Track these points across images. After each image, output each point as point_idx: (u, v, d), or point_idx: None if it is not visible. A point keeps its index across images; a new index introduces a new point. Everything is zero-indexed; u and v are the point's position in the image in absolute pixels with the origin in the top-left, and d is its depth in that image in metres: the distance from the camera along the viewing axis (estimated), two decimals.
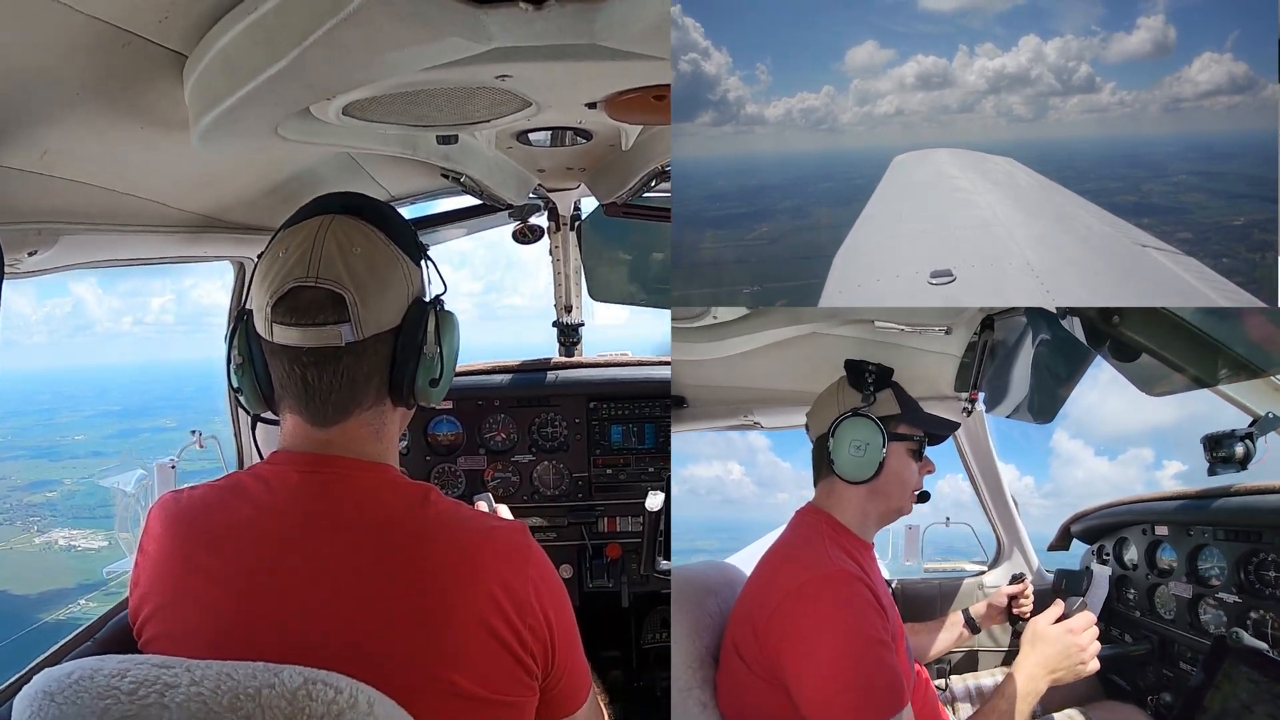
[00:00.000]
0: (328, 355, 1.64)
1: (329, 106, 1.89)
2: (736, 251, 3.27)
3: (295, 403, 1.70)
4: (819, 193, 3.67)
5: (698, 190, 3.65)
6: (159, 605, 1.64)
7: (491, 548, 1.64)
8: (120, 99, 1.71)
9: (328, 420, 1.69)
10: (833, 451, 2.21)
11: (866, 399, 2.26)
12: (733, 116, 3.78)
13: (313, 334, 1.63)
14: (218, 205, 2.59)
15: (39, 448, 34.93)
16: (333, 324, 1.62)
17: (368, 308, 1.64)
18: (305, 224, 1.69)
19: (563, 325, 4.53)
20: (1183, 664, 2.76)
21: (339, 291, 1.62)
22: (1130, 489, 3.31)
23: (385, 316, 1.68)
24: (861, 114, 3.83)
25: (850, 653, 1.91)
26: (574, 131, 2.58)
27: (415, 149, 2.39)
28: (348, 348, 1.64)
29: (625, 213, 3.70)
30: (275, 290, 1.63)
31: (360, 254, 1.66)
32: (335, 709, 1.37)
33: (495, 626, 1.59)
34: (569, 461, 4.07)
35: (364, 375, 1.69)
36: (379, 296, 1.67)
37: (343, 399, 1.68)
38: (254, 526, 1.64)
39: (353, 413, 1.70)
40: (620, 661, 4.51)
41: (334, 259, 1.63)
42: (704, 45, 3.55)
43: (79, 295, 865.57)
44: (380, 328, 1.67)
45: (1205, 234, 2.58)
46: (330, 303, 1.62)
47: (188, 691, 1.39)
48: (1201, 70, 3.10)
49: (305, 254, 1.64)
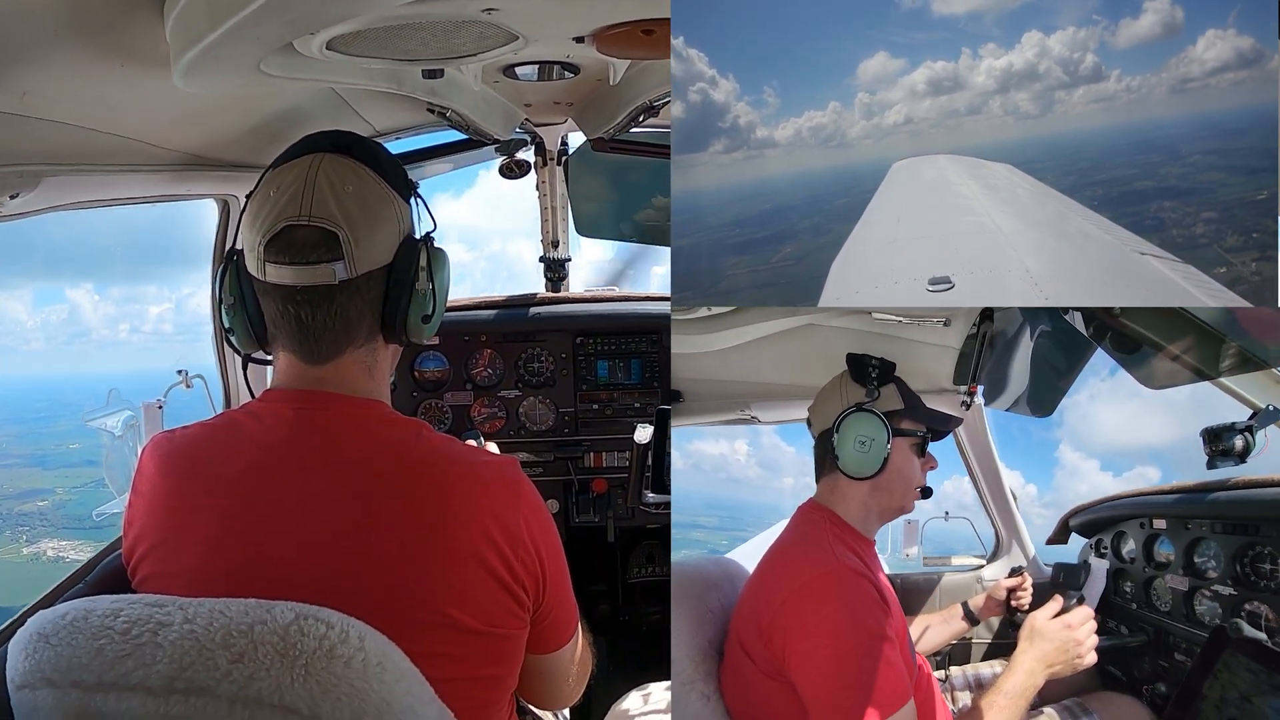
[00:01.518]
0: (321, 293, 1.66)
1: (312, 41, 1.85)
2: (764, 275, 3.27)
3: (289, 341, 1.71)
4: (836, 209, 3.65)
5: (715, 219, 3.65)
6: (154, 544, 1.66)
7: (484, 482, 1.67)
8: (100, 37, 1.68)
9: (321, 358, 1.71)
10: (837, 447, 2.19)
11: (870, 394, 2.24)
12: (744, 142, 3.75)
13: (306, 272, 1.63)
14: (202, 143, 2.56)
15: (32, 455, 34.69)
16: (326, 262, 1.63)
17: (360, 245, 1.65)
18: (296, 163, 1.70)
19: (549, 261, 4.50)
20: (1178, 655, 2.78)
21: (332, 230, 1.63)
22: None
23: (377, 254, 1.69)
24: (870, 126, 3.80)
25: (854, 649, 1.92)
26: (561, 66, 2.55)
27: (400, 84, 2.36)
28: (341, 285, 1.66)
29: (613, 148, 3.68)
30: (267, 230, 1.64)
31: (352, 192, 1.67)
32: (327, 644, 1.39)
33: (488, 559, 1.62)
34: (555, 397, 4.06)
35: (357, 312, 1.70)
36: (371, 234, 1.68)
37: (336, 336, 1.70)
38: (248, 463, 1.65)
39: (346, 350, 1.72)
40: (606, 596, 4.56)
41: (326, 197, 1.64)
42: (710, 74, 3.51)
43: (75, 301, 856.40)
44: (373, 265, 1.69)
45: (1230, 211, 2.56)
46: (323, 241, 1.63)
47: (181, 630, 1.41)
48: (1207, 48, 3.05)
49: (297, 193, 1.64)
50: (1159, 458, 7.80)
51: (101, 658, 1.40)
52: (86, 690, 1.39)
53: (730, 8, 3.31)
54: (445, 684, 1.53)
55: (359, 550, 1.57)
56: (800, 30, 3.53)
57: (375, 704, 1.39)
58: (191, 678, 1.37)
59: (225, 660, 1.37)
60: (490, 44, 2.08)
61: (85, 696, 1.39)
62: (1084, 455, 25.30)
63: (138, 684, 1.38)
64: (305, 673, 1.37)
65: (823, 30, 3.60)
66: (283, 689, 1.36)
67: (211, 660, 1.37)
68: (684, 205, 2.29)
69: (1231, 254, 2.46)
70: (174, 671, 1.37)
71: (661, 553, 4.45)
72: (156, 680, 1.37)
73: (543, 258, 4.51)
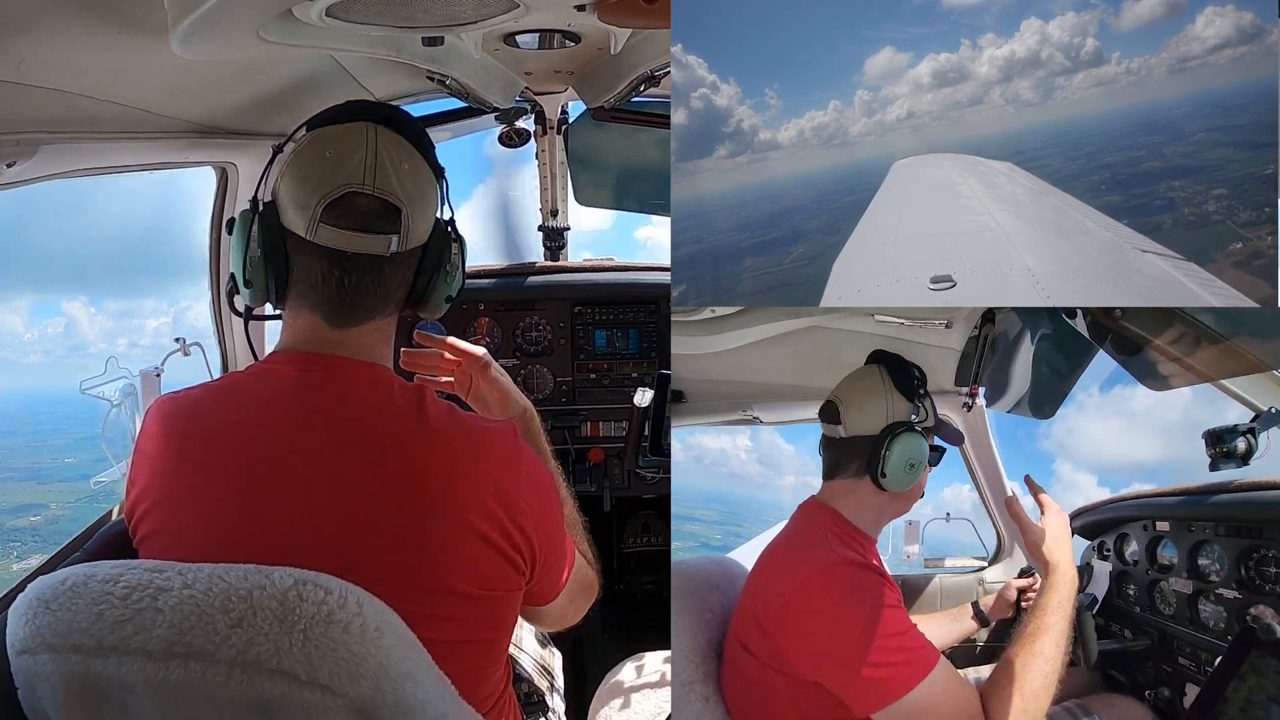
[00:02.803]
0: (370, 262, 1.69)
1: (311, 8, 1.84)
2: (779, 276, 3.28)
3: (321, 303, 1.72)
4: (842, 207, 3.65)
5: (725, 223, 3.65)
6: (155, 502, 1.67)
7: (484, 449, 1.69)
8: (98, 4, 1.67)
9: (348, 322, 1.73)
10: (884, 462, 2.14)
11: (917, 411, 2.22)
12: (748, 145, 3.75)
13: (362, 240, 1.66)
14: (200, 111, 2.54)
15: (28, 469, 34.46)
16: (384, 233, 1.67)
17: (414, 222, 1.71)
18: (350, 128, 1.71)
19: (548, 229, 4.50)
20: (1181, 659, 2.77)
21: (395, 204, 1.67)
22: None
23: (422, 232, 1.76)
24: (872, 124, 3.79)
25: (869, 630, 1.90)
26: (562, 34, 2.54)
27: (400, 51, 2.35)
28: (390, 257, 1.70)
29: (613, 117, 3.67)
30: (329, 192, 1.65)
31: (408, 170, 1.71)
32: (325, 609, 1.40)
33: (485, 530, 1.63)
34: (553, 366, 4.08)
35: (396, 285, 1.76)
36: (423, 213, 1.75)
37: (372, 304, 1.73)
38: (251, 424, 1.66)
39: (374, 318, 1.75)
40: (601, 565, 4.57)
41: (388, 171, 1.67)
42: (711, 79, 3.51)
43: (72, 315, 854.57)
44: (417, 242, 1.75)
45: (1240, 186, 2.55)
46: (386, 212, 1.67)
47: (180, 595, 1.42)
48: (1206, 26, 3.04)
49: (361, 160, 1.66)
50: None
51: (101, 622, 1.41)
52: (86, 655, 1.41)
53: (730, 12, 3.31)
54: (441, 646, 1.55)
55: (357, 513, 1.58)
56: (800, 32, 3.53)
57: (373, 669, 1.40)
58: (191, 642, 1.38)
59: (224, 625, 1.38)
60: (491, 11, 2.07)
61: (85, 661, 1.41)
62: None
63: (137, 648, 1.39)
64: (304, 638, 1.38)
65: (823, 30, 3.59)
66: (281, 654, 1.37)
67: (211, 625, 1.39)
68: (690, 211, 2.29)
69: (1247, 229, 2.46)
70: (173, 636, 1.38)
71: (657, 522, 4.47)
72: (156, 645, 1.38)
73: (541, 226, 4.51)
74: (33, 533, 25.70)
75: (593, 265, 4.27)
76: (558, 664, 2.81)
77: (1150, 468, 28.01)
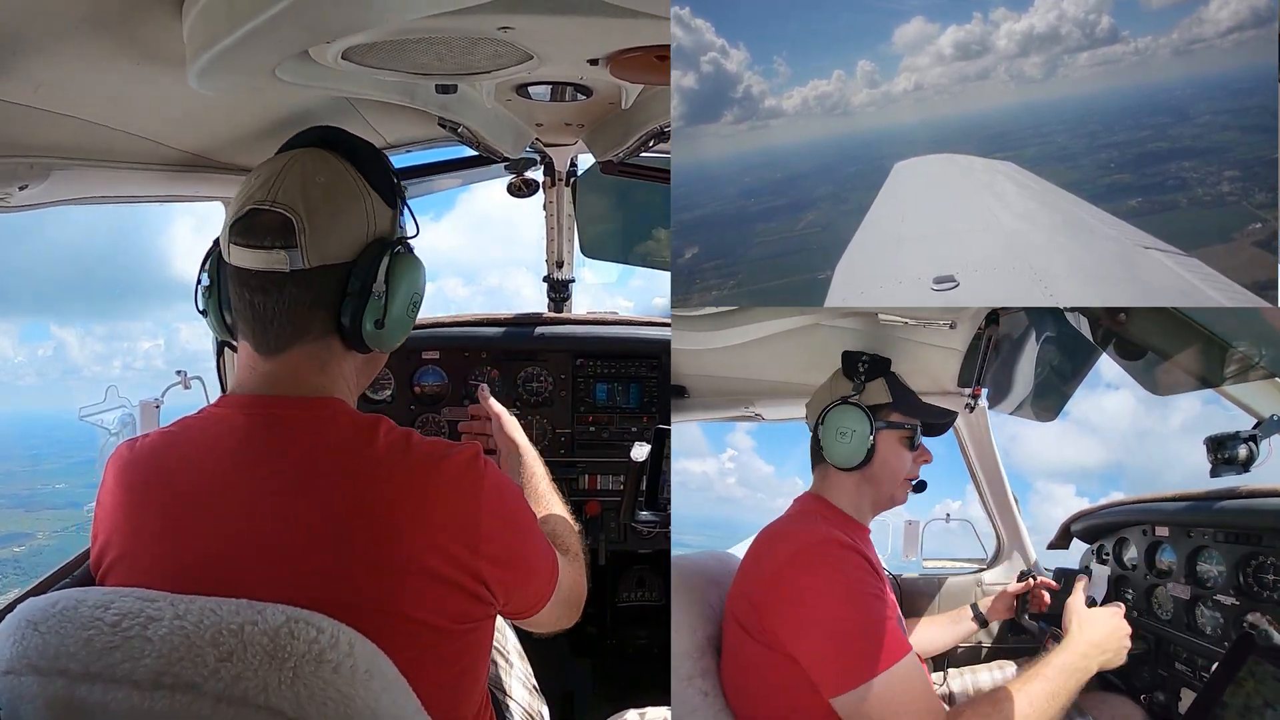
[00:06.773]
0: (274, 280, 1.66)
1: (328, 50, 1.87)
2: (792, 243, 3.29)
3: (246, 327, 1.71)
4: (847, 177, 3.67)
5: (730, 188, 3.67)
6: (118, 556, 1.66)
7: (439, 480, 1.64)
8: (118, 32, 1.69)
9: (273, 349, 1.70)
10: (822, 438, 2.26)
11: (856, 388, 2.29)
12: (754, 112, 3.77)
13: (261, 256, 1.64)
14: (211, 144, 2.57)
15: (16, 496, 33.96)
16: (279, 248, 1.63)
17: (315, 235, 1.64)
18: (281, 154, 1.72)
19: (553, 281, 4.51)
20: (1178, 664, 2.77)
21: (289, 216, 1.63)
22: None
23: (335, 249, 1.68)
24: (878, 94, 3.82)
25: (848, 610, 1.95)
26: (574, 87, 2.57)
27: (413, 97, 2.38)
28: (293, 275, 1.65)
29: (622, 171, 3.69)
30: (235, 212, 1.66)
31: (322, 183, 1.68)
32: (316, 649, 1.39)
33: (442, 570, 1.60)
34: (553, 417, 4.07)
35: (308, 306, 1.69)
36: (330, 226, 1.67)
37: (284, 327, 1.69)
38: (202, 470, 1.64)
39: (297, 344, 1.71)
40: (594, 619, 4.53)
41: (294, 185, 1.65)
42: (719, 44, 3.53)
43: (60, 339, 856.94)
44: (329, 259, 1.67)
45: (1252, 169, 2.55)
46: (280, 227, 1.63)
47: (171, 625, 1.41)
48: (1221, 7, 3.05)
49: (269, 178, 1.66)
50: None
51: (89, 648, 1.40)
52: (72, 679, 1.39)
53: None
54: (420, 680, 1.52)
55: (318, 554, 1.55)
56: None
57: (360, 710, 1.39)
58: (178, 673, 1.36)
59: (213, 658, 1.37)
60: (505, 62, 2.10)
61: (70, 686, 1.39)
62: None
63: (124, 676, 1.37)
64: (293, 676, 1.37)
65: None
66: (269, 690, 1.36)
67: (200, 657, 1.37)
68: (692, 176, 2.29)
69: (1264, 210, 2.44)
70: (161, 666, 1.37)
71: (652, 577, 4.43)
72: (143, 674, 1.37)
73: (546, 277, 4.52)
74: (15, 564, 25.16)
75: (596, 318, 4.28)
76: (547, 714, 2.77)
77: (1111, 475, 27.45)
